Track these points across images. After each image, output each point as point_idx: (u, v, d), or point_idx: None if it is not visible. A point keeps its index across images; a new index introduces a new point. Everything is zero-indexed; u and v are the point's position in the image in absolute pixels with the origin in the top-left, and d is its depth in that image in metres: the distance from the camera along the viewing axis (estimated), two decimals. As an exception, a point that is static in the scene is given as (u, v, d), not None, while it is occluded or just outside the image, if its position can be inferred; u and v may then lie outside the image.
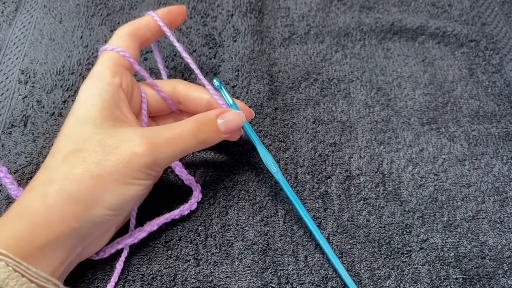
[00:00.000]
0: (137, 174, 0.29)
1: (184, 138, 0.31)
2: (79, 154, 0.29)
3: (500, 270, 0.34)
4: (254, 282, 0.33)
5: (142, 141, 0.29)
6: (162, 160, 0.30)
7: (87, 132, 0.29)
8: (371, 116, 0.42)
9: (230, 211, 0.36)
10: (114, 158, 0.28)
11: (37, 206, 0.27)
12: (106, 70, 0.32)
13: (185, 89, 0.36)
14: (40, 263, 0.27)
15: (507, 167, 0.39)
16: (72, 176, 0.28)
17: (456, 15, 0.49)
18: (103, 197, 0.28)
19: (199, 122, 0.32)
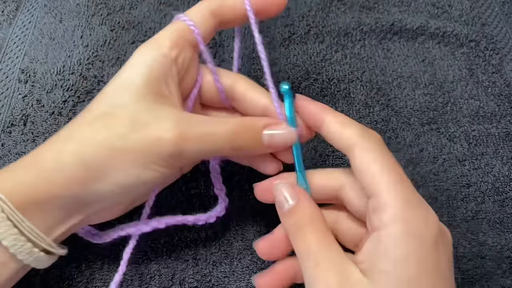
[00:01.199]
0: (157, 160, 0.27)
1: (218, 139, 0.27)
2: (107, 120, 0.27)
3: (499, 270, 0.34)
4: (253, 282, 0.33)
5: (172, 128, 0.27)
6: (187, 153, 0.27)
7: (125, 98, 0.28)
8: (371, 116, 0.42)
9: (230, 211, 0.36)
10: (139, 136, 0.26)
11: (48, 161, 0.26)
12: (167, 40, 0.29)
13: (245, 87, 0.31)
14: (35, 218, 0.26)
15: (507, 167, 0.39)
16: (91, 141, 0.26)
17: (456, 15, 0.49)
18: (116, 173, 0.26)
19: (241, 126, 0.28)
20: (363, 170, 0.25)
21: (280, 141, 0.29)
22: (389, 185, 0.24)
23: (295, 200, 0.27)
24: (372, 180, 0.25)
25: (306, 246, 0.25)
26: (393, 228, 0.23)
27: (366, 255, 0.24)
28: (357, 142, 0.26)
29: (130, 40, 0.45)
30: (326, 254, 0.24)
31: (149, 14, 0.47)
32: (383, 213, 0.23)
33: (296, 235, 0.26)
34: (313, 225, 0.26)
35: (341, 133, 0.27)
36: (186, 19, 0.30)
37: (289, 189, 0.27)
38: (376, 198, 0.24)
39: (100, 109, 0.28)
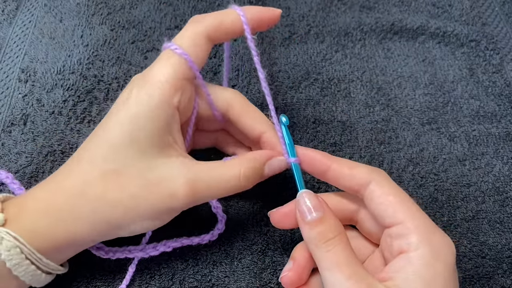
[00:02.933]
0: (171, 212, 0.29)
1: (229, 184, 0.29)
2: (117, 179, 0.27)
3: (499, 270, 0.34)
4: (253, 282, 0.33)
5: (184, 182, 0.28)
6: (199, 201, 0.29)
7: (129, 156, 0.27)
8: (371, 116, 0.42)
9: (230, 211, 0.36)
10: (152, 196, 0.27)
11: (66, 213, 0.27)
12: (167, 84, 0.28)
13: (240, 112, 0.32)
14: (52, 256, 0.28)
15: (507, 167, 0.39)
16: (103, 201, 0.27)
17: (456, 15, 0.49)
18: (129, 226, 0.28)
19: (248, 170, 0.29)
20: (383, 201, 0.27)
21: (276, 169, 0.31)
22: (410, 214, 0.27)
23: (321, 211, 0.27)
24: (393, 210, 0.27)
25: (335, 258, 0.26)
26: (422, 250, 0.25)
27: (393, 274, 0.25)
28: (372, 179, 0.28)
29: (130, 39, 0.45)
30: (357, 269, 0.25)
31: (149, 14, 0.47)
32: (410, 237, 0.26)
33: (322, 246, 0.26)
34: (341, 238, 0.27)
35: (352, 174, 0.29)
36: (182, 52, 0.29)
37: (314, 199, 0.28)
38: (400, 225, 0.26)
39: (108, 165, 0.27)
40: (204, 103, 0.32)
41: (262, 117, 0.32)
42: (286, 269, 0.29)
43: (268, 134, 0.32)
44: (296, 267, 0.29)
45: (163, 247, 0.33)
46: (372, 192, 0.28)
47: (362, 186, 0.28)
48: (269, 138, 0.32)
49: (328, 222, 0.27)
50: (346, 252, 0.26)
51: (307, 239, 0.28)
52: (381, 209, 0.27)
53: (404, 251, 0.26)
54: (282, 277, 0.29)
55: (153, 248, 0.33)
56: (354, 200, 0.31)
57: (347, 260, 0.26)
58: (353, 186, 0.29)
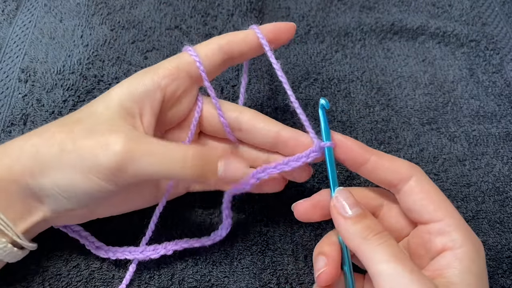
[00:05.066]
0: (95, 169, 0.26)
1: (170, 160, 0.27)
2: (74, 124, 0.28)
3: (499, 270, 0.34)
4: (253, 283, 0.33)
5: (122, 140, 0.27)
6: (131, 170, 0.27)
7: (98, 109, 0.29)
8: (371, 116, 0.42)
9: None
10: (87, 142, 0.27)
11: (14, 149, 0.28)
12: (163, 68, 0.30)
13: (252, 117, 0.31)
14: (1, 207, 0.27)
15: (507, 167, 0.39)
16: (51, 139, 0.28)
17: (456, 15, 0.49)
18: (56, 172, 0.27)
19: (197, 153, 0.28)
20: (424, 197, 0.28)
21: (234, 174, 0.29)
22: (450, 212, 0.27)
23: (360, 208, 0.27)
24: (434, 207, 0.27)
25: (391, 250, 0.25)
26: (468, 247, 0.26)
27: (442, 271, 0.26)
28: (413, 174, 0.28)
29: (130, 39, 0.45)
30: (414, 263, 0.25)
31: (149, 14, 0.47)
32: (454, 234, 0.26)
33: (372, 239, 0.26)
34: (388, 234, 0.26)
35: (394, 167, 0.29)
36: (193, 53, 0.31)
37: (350, 197, 0.28)
38: (441, 222, 0.27)
39: (77, 115, 0.30)
40: (213, 110, 0.32)
41: (275, 121, 0.32)
42: (320, 266, 0.28)
43: (285, 131, 0.31)
44: (331, 262, 0.28)
45: (163, 250, 0.32)
46: (412, 188, 0.28)
47: (402, 180, 0.28)
48: (288, 133, 0.31)
49: (370, 217, 0.27)
50: (398, 247, 0.26)
51: (352, 235, 0.26)
52: (421, 204, 0.27)
53: (448, 248, 0.26)
54: (320, 275, 0.28)
55: (153, 251, 0.32)
56: (378, 195, 0.31)
57: (404, 254, 0.25)
58: (392, 180, 0.28)
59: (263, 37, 0.31)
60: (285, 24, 0.33)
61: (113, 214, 0.32)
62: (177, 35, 0.46)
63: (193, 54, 0.31)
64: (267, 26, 0.32)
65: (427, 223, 0.27)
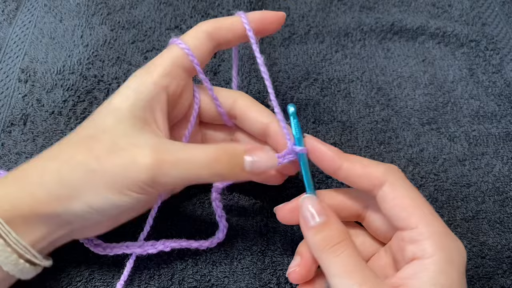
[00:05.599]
0: (131, 186, 0.27)
1: (197, 165, 0.27)
2: (90, 142, 0.28)
3: (499, 270, 0.34)
4: (252, 283, 0.33)
5: (149, 153, 0.26)
6: (163, 180, 0.27)
7: (109, 122, 0.28)
8: (371, 116, 0.42)
9: (230, 211, 0.36)
10: (114, 160, 0.26)
11: (34, 177, 0.27)
12: (160, 67, 0.29)
13: (245, 106, 0.32)
14: (20, 230, 0.26)
15: (507, 167, 0.39)
16: (72, 161, 0.27)
17: (456, 15, 0.49)
18: (88, 194, 0.27)
19: (222, 152, 0.28)
20: (396, 204, 0.26)
21: (262, 166, 0.28)
22: (424, 218, 0.26)
23: (324, 216, 0.27)
24: (407, 214, 0.26)
25: (345, 263, 0.25)
26: (437, 257, 0.24)
27: (406, 280, 0.25)
28: (386, 180, 0.27)
29: (130, 39, 0.45)
30: (369, 274, 0.25)
31: (149, 14, 0.47)
32: (425, 243, 0.25)
33: (328, 251, 0.26)
34: (347, 243, 0.26)
35: (366, 173, 0.28)
36: (182, 45, 0.30)
37: (316, 204, 0.27)
38: (414, 230, 0.26)
39: (86, 131, 0.29)
40: (209, 100, 0.32)
41: (267, 111, 0.32)
42: (293, 265, 0.29)
43: (273, 126, 0.31)
44: (304, 262, 0.28)
45: (161, 246, 0.32)
46: (385, 194, 0.27)
47: (375, 186, 0.27)
48: (275, 128, 0.31)
49: (332, 226, 0.27)
50: (355, 257, 0.25)
51: (312, 245, 0.27)
52: (394, 211, 0.27)
53: (418, 257, 0.25)
54: (290, 273, 0.29)
55: (151, 246, 0.32)
56: (363, 197, 0.30)
57: (357, 266, 0.25)
58: (365, 186, 0.28)
59: (249, 28, 0.31)
60: (273, 13, 0.32)
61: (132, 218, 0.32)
62: (177, 35, 0.46)
63: (184, 47, 0.30)
64: (255, 14, 0.32)
65: (402, 230, 0.26)
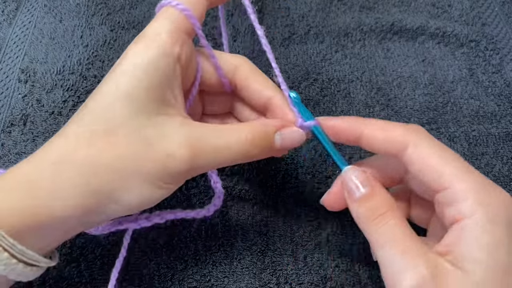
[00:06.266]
0: (170, 178, 0.25)
1: (234, 150, 0.26)
2: (107, 139, 0.24)
3: (499, 270, 0.34)
4: (252, 283, 0.33)
5: (185, 143, 0.25)
6: (200, 168, 0.26)
7: (125, 113, 0.24)
8: (371, 116, 0.42)
9: (230, 211, 0.36)
10: (147, 156, 0.24)
11: (45, 183, 0.23)
12: (165, 34, 0.26)
13: (247, 75, 0.29)
14: (29, 240, 0.23)
15: (507, 167, 0.39)
16: (92, 165, 0.24)
17: (456, 15, 0.49)
18: (123, 195, 0.24)
19: (256, 135, 0.26)
20: (425, 166, 0.24)
21: (291, 142, 0.28)
22: (458, 174, 0.24)
23: (369, 187, 0.26)
24: (437, 174, 0.24)
25: (389, 233, 0.24)
26: (478, 216, 0.22)
27: (451, 247, 0.23)
28: (409, 141, 0.25)
29: (130, 40, 0.45)
30: (412, 243, 0.23)
31: (149, 14, 0.47)
32: (462, 203, 0.23)
33: (373, 221, 0.25)
34: (393, 213, 0.25)
35: (387, 138, 0.26)
36: (178, 4, 0.27)
37: (360, 175, 0.26)
38: (449, 190, 0.24)
39: (98, 124, 0.24)
40: (209, 66, 0.30)
41: (271, 83, 0.30)
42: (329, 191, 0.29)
43: (277, 99, 0.29)
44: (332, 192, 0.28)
45: (157, 218, 0.30)
46: (411, 157, 0.25)
47: (399, 150, 0.25)
48: (278, 102, 0.29)
49: (377, 197, 0.25)
50: (400, 227, 0.24)
51: (357, 218, 0.26)
52: (425, 174, 0.24)
53: (457, 219, 0.23)
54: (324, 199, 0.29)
55: (146, 219, 0.30)
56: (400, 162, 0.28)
57: (402, 235, 0.23)
58: (390, 151, 0.26)
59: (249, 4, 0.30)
60: None
61: None
62: (177, 35, 0.46)
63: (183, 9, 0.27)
64: None
65: (438, 192, 0.24)
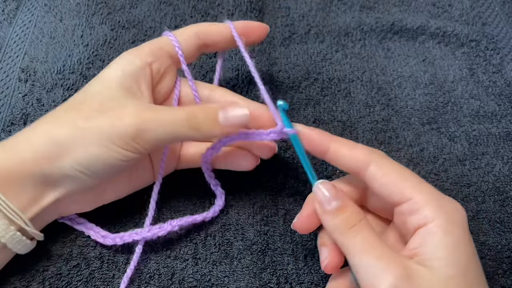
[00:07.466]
0: (117, 140, 0.28)
1: (176, 120, 0.29)
2: (79, 105, 0.30)
3: (499, 270, 0.34)
4: (252, 282, 0.33)
5: (134, 112, 0.29)
6: (147, 134, 0.29)
7: (98, 89, 0.31)
8: (372, 116, 0.42)
9: (230, 211, 0.36)
10: (102, 118, 0.29)
11: (20, 140, 0.29)
12: (146, 47, 0.33)
13: (222, 95, 0.34)
14: (9, 194, 0.28)
15: (507, 167, 0.39)
16: (60, 120, 0.29)
17: (456, 15, 0.49)
18: (77, 150, 0.28)
19: (199, 109, 0.30)
20: (386, 181, 0.28)
21: (236, 120, 0.30)
22: (416, 187, 0.27)
23: (340, 200, 0.28)
24: (398, 188, 0.27)
25: (363, 242, 0.26)
26: (439, 220, 0.25)
27: (416, 249, 0.26)
28: (371, 160, 0.28)
29: (130, 39, 0.45)
30: (385, 249, 0.26)
31: (149, 14, 0.47)
32: (424, 211, 0.26)
33: (347, 232, 0.27)
34: (365, 222, 0.27)
35: (352, 155, 0.29)
36: (171, 36, 0.34)
37: (331, 189, 0.28)
38: (410, 201, 0.27)
39: (76, 98, 0.31)
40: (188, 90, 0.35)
41: (248, 100, 0.34)
42: (324, 257, 0.29)
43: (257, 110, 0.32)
44: (333, 250, 0.29)
45: (169, 226, 0.33)
46: (373, 173, 0.28)
47: (362, 168, 0.28)
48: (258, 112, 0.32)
49: (349, 208, 0.28)
50: (372, 236, 0.26)
51: (331, 228, 0.28)
52: (386, 188, 0.27)
53: (421, 225, 0.26)
54: (326, 266, 0.29)
55: (159, 229, 0.33)
56: (360, 182, 0.30)
57: (374, 243, 0.26)
58: (353, 167, 0.29)
59: (237, 36, 0.34)
60: (257, 24, 0.36)
61: (117, 198, 0.34)
62: (177, 35, 0.46)
63: (172, 37, 0.33)
64: (239, 23, 0.35)
65: (399, 205, 0.27)
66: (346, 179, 0.32)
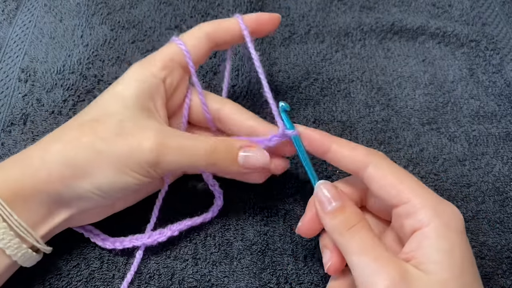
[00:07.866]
0: (135, 166, 0.28)
1: (196, 153, 0.29)
2: (94, 124, 0.29)
3: (499, 270, 0.34)
4: (252, 282, 0.33)
5: (153, 137, 0.28)
6: (165, 163, 0.29)
7: (113, 108, 0.30)
8: (371, 116, 0.42)
9: (230, 211, 0.36)
10: (121, 142, 0.28)
11: (34, 159, 0.28)
12: (158, 61, 0.32)
13: (232, 111, 0.34)
14: (21, 213, 0.27)
15: (507, 167, 0.39)
16: (76, 142, 0.28)
17: (456, 15, 0.49)
18: (95, 173, 0.28)
19: (220, 144, 0.30)
20: (385, 183, 0.28)
21: (255, 162, 0.30)
22: (414, 190, 0.27)
23: (340, 201, 0.28)
24: (396, 190, 0.27)
25: (361, 243, 0.26)
26: (434, 224, 0.26)
27: (413, 253, 0.26)
28: (370, 161, 0.28)
29: (130, 39, 0.45)
30: (382, 251, 0.26)
31: (149, 14, 0.47)
32: (420, 214, 0.26)
33: (345, 233, 0.27)
34: (363, 224, 0.27)
35: (352, 155, 0.29)
36: (180, 42, 0.32)
37: (332, 189, 0.29)
38: (407, 204, 0.27)
39: (90, 115, 0.30)
40: (198, 101, 0.34)
41: (254, 116, 0.33)
42: (326, 260, 0.29)
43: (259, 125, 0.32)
44: (335, 252, 0.29)
45: (169, 232, 0.33)
46: (372, 175, 0.28)
47: (360, 169, 0.29)
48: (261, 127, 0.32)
49: (348, 209, 0.28)
50: (370, 237, 0.27)
51: (330, 229, 0.28)
52: (384, 190, 0.28)
53: (417, 228, 0.26)
54: (329, 268, 0.29)
55: (159, 234, 0.33)
56: (360, 183, 0.31)
57: (373, 244, 0.26)
58: (353, 168, 0.29)
59: (245, 28, 0.33)
60: (268, 15, 0.35)
61: (127, 206, 0.34)
62: (177, 35, 0.46)
63: (183, 48, 0.32)
64: (251, 16, 0.34)
65: (396, 207, 0.27)
66: (348, 180, 0.32)
